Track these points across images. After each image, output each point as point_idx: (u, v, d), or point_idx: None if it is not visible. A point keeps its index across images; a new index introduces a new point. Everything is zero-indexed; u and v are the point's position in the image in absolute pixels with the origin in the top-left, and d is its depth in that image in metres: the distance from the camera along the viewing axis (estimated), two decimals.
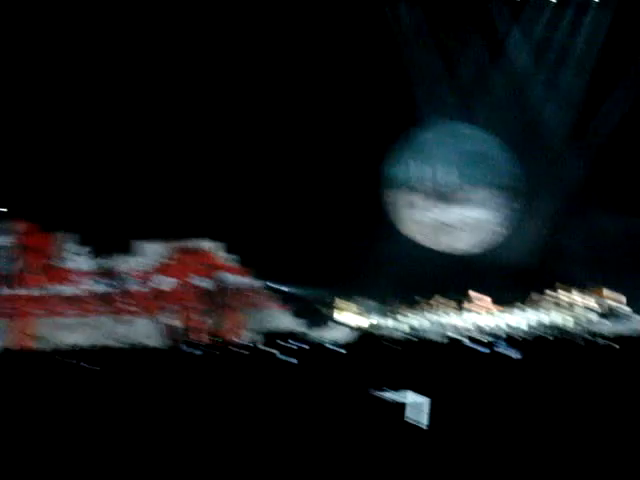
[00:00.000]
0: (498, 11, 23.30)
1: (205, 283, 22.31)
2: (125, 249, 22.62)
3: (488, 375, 7.37)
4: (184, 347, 13.42)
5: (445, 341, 14.41)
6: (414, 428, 4.26)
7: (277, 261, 21.75)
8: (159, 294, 22.18)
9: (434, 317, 21.40)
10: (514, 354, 9.50)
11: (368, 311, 22.59)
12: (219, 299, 22.06)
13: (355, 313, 22.42)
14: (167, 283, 22.31)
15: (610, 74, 21.92)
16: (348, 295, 22.57)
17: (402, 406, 4.42)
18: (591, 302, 21.08)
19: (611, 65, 21.75)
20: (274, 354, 11.91)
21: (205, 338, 20.47)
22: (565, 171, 23.15)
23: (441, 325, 20.94)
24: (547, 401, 5.47)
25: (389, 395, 4.54)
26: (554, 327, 20.31)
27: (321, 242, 22.42)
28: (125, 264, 22.69)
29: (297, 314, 22.34)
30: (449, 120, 24.62)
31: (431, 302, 22.30)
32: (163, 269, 22.41)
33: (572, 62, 23.20)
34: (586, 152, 22.97)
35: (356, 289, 22.46)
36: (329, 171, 22.68)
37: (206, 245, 22.56)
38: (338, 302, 22.59)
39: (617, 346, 10.28)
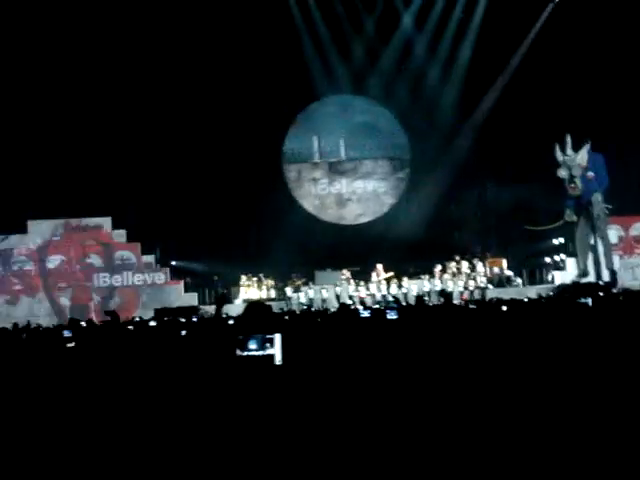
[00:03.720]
0: None
1: (97, 260, 21.87)
2: (15, 228, 21.93)
3: (366, 333, 7.55)
4: (72, 326, 13.15)
5: (336, 309, 14.61)
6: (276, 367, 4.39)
7: (172, 237, 21.57)
8: (49, 272, 21.63)
9: (333, 288, 21.55)
10: (393, 315, 9.75)
11: (267, 285, 22.59)
12: (112, 276, 21.67)
13: (253, 287, 22.37)
14: (57, 261, 21.78)
15: (499, 51, 22.49)
16: (247, 270, 22.50)
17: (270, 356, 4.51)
18: (480, 269, 21.66)
19: (500, 43, 22.26)
20: (166, 328, 11.81)
21: (97, 316, 20.10)
22: (456, 143, 23.65)
23: (339, 296, 21.14)
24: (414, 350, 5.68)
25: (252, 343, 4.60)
26: (443, 293, 20.75)
27: (218, 218, 22.35)
28: (15, 243, 22.02)
29: (193, 289, 22.16)
30: (343, 94, 24.82)
31: (331, 274, 22.45)
32: (53, 247, 21.82)
33: (464, 39, 23.62)
34: (475, 125, 23.56)
35: (255, 264, 22.43)
36: (226, 145, 22.59)
37: (97, 222, 22.06)
38: (237, 277, 22.50)
39: (504, 308, 10.73)
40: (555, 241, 21.97)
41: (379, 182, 25.42)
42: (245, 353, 4.59)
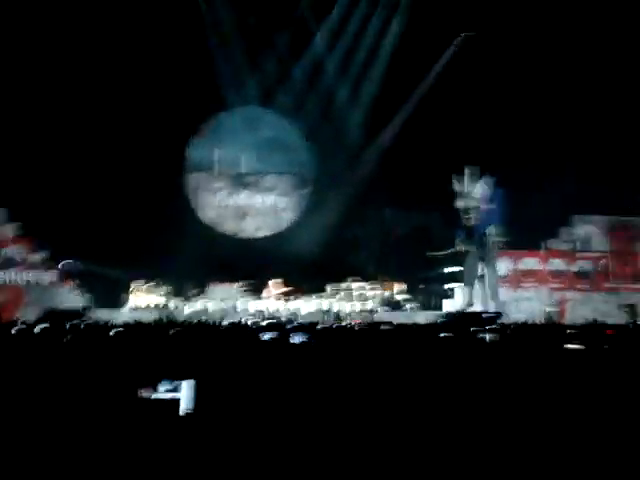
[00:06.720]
0: (307, 5, 23.66)
1: None
2: None
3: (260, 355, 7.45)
4: None
5: (228, 325, 14.48)
6: (187, 418, 4.17)
7: (67, 234, 20.85)
8: None
9: (228, 301, 21.32)
10: (299, 338, 9.72)
11: (159, 293, 22.13)
12: None
13: (146, 294, 21.89)
14: None
15: (408, 77, 22.92)
16: (141, 276, 22.01)
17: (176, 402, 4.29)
18: (376, 292, 21.86)
19: (407, 69, 22.67)
20: (52, 331, 11.37)
21: None
22: (359, 165, 23.96)
23: (233, 310, 20.93)
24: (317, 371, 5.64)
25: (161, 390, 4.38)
26: (335, 314, 20.90)
27: (116, 220, 21.82)
28: None
29: (86, 291, 21.45)
30: (250, 106, 24.74)
31: (227, 287, 22.24)
32: None
33: (373, 62, 24.00)
34: (379, 148, 23.92)
35: (150, 271, 21.96)
36: (129, 149, 22.11)
37: None
38: (130, 282, 21.98)
39: (391, 328, 10.94)
40: (448, 269, 22.48)
41: (280, 197, 25.43)
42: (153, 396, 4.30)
